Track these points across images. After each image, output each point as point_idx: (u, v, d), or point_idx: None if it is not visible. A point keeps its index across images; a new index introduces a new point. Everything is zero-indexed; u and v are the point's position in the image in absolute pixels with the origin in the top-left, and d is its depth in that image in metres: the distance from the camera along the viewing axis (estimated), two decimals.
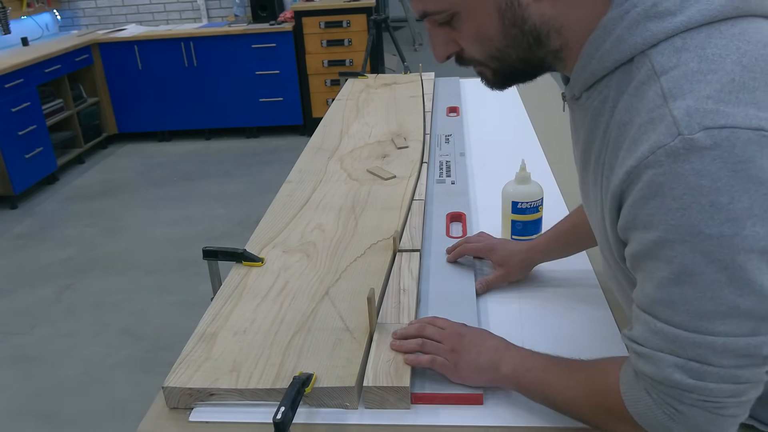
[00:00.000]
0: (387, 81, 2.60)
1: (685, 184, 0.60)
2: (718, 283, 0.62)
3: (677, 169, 0.61)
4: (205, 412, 0.90)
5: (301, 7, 4.90)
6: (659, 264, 0.65)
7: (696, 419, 0.67)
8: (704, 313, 0.63)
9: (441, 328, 0.95)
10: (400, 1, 8.06)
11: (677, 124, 0.61)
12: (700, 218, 0.60)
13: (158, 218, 3.92)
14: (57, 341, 2.77)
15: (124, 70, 5.11)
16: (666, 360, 0.66)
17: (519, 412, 0.87)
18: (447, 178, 1.63)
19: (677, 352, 0.65)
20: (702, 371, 0.64)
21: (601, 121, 0.73)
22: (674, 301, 0.65)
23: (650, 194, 0.63)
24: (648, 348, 0.68)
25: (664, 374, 0.66)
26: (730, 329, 0.63)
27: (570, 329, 1.03)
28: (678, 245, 0.62)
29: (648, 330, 0.68)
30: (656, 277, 0.66)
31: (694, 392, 0.65)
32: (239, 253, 1.24)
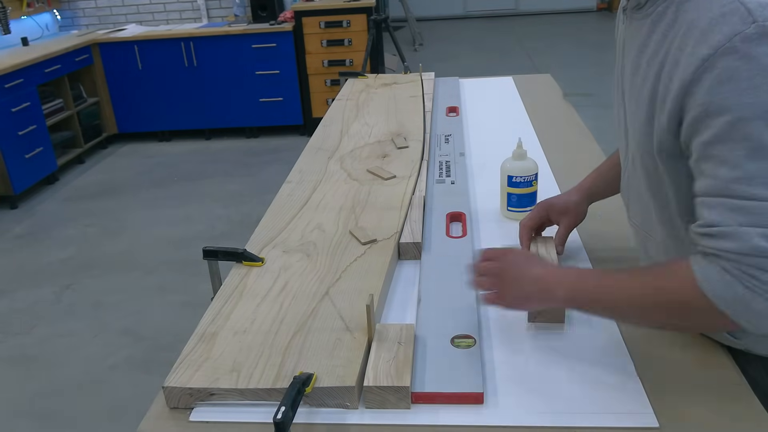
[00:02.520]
0: (387, 81, 2.60)
1: (758, 65, 0.67)
2: None
3: (752, 53, 0.68)
4: (206, 412, 0.90)
5: (301, 7, 4.90)
6: (734, 144, 0.70)
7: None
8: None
9: (488, 261, 0.97)
10: (400, 1, 8.06)
11: (752, 13, 0.68)
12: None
13: (158, 218, 3.92)
14: (57, 341, 2.77)
15: (124, 70, 5.11)
16: (750, 232, 0.70)
17: (519, 412, 0.87)
18: (447, 178, 1.63)
19: (759, 222, 0.70)
20: None
21: (660, 25, 0.79)
22: (752, 176, 0.70)
23: (726, 78, 0.69)
24: (730, 226, 0.72)
25: (751, 244, 0.70)
26: None
27: (570, 328, 1.03)
28: (753, 122, 0.68)
29: (726, 210, 0.72)
30: (731, 158, 0.71)
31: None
32: (239, 253, 1.24)
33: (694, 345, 0.97)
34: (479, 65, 6.95)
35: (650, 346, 0.97)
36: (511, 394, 0.90)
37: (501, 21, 9.74)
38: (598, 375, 0.92)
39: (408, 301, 1.14)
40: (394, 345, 0.96)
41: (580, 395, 0.89)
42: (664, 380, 0.90)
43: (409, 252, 1.28)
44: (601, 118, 4.56)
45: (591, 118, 2.65)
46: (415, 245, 1.28)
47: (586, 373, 0.93)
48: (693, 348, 0.97)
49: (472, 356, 0.95)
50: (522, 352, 0.98)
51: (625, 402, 0.87)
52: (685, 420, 0.83)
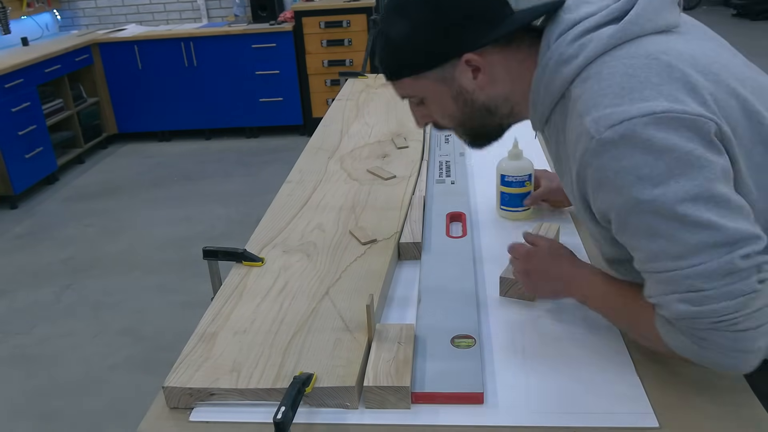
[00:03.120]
0: None
1: (611, 170, 0.78)
2: (676, 230, 0.76)
3: (602, 163, 0.79)
4: (206, 412, 0.90)
5: (301, 7, 4.90)
6: (630, 232, 0.82)
7: (719, 340, 0.78)
8: (679, 254, 0.77)
9: (518, 258, 1.08)
10: None
11: (589, 131, 0.80)
12: (632, 189, 0.77)
13: (158, 218, 3.92)
14: (57, 341, 2.77)
15: (124, 70, 5.11)
16: (671, 299, 0.79)
17: (519, 412, 0.87)
18: (447, 178, 1.63)
19: (674, 289, 0.79)
20: (699, 297, 0.77)
21: (561, 140, 0.92)
22: (654, 253, 0.79)
23: (596, 187, 0.82)
24: (656, 296, 0.82)
25: (674, 311, 0.79)
26: (703, 259, 0.76)
27: (570, 328, 1.03)
28: (633, 216, 0.79)
29: (651, 284, 0.83)
30: (635, 244, 0.82)
31: (703, 317, 0.77)
32: (239, 253, 1.24)
33: None
34: None
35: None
36: (511, 394, 0.90)
37: None
38: (598, 375, 0.92)
39: (408, 301, 1.14)
40: (394, 345, 0.96)
41: (580, 395, 0.89)
42: (664, 380, 0.90)
43: (409, 252, 1.28)
44: None
45: None
46: (415, 245, 1.28)
47: (586, 373, 0.93)
48: None
49: (472, 356, 0.95)
50: (522, 352, 0.98)
51: (625, 402, 0.87)
52: (685, 420, 0.83)
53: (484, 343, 1.01)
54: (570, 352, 0.97)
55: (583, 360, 0.95)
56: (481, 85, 0.93)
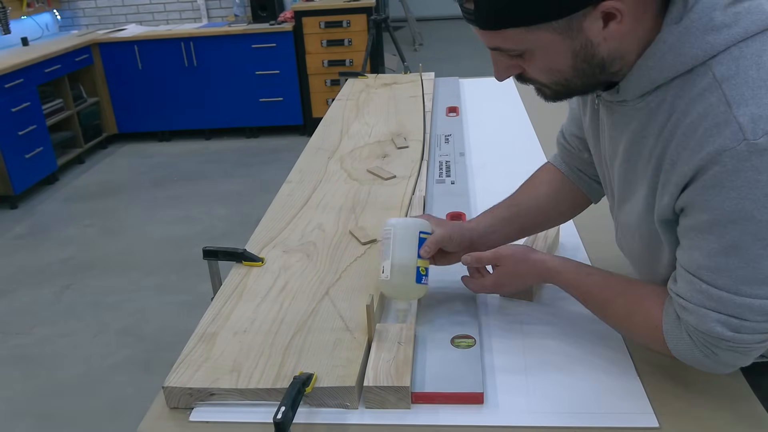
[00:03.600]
0: (387, 81, 2.60)
1: (745, 178, 0.71)
2: (761, 257, 0.74)
3: (740, 167, 0.71)
4: (206, 412, 0.90)
5: (301, 7, 4.90)
6: (710, 237, 0.76)
7: (727, 359, 0.81)
8: (746, 279, 0.75)
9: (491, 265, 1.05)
10: (400, 1, 8.06)
11: (743, 130, 0.70)
12: (754, 206, 0.72)
13: (158, 218, 3.92)
14: (57, 341, 2.77)
15: (124, 70, 5.11)
16: (710, 316, 0.78)
17: (519, 412, 0.87)
18: (447, 178, 1.63)
19: (719, 309, 0.77)
20: (740, 325, 0.77)
21: (657, 121, 0.81)
22: (720, 268, 0.76)
23: (711, 185, 0.74)
24: (693, 304, 0.79)
25: (707, 327, 0.78)
26: (765, 293, 0.75)
27: (570, 328, 1.03)
28: (731, 225, 0.74)
29: (693, 289, 0.79)
30: (705, 248, 0.77)
31: (731, 341, 0.78)
32: (239, 253, 1.24)
33: None
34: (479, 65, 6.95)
35: None
36: (511, 394, 0.90)
37: None
38: (598, 375, 0.92)
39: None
40: (394, 345, 0.96)
41: (580, 395, 0.89)
42: (664, 380, 0.90)
43: None
44: None
45: None
46: None
47: (586, 373, 0.93)
48: None
49: (472, 356, 0.95)
50: (522, 352, 0.98)
51: (625, 402, 0.87)
52: (685, 420, 0.83)
53: (484, 343, 1.01)
54: (570, 353, 0.97)
55: (583, 360, 0.95)
56: (610, 37, 0.77)
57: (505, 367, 0.95)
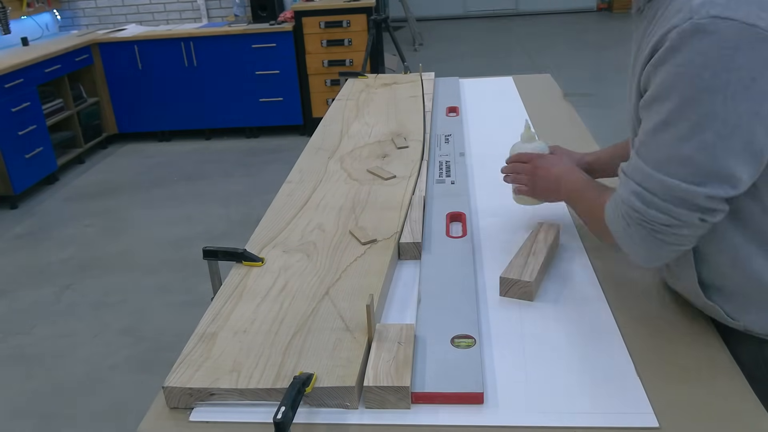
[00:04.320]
0: (387, 81, 2.60)
1: (683, 56, 0.79)
2: (685, 137, 0.81)
3: (681, 44, 0.79)
4: (206, 412, 0.90)
5: (301, 7, 4.90)
6: (650, 114, 0.85)
7: (635, 236, 0.89)
8: (666, 157, 0.83)
9: (525, 162, 1.28)
10: (400, 1, 8.06)
11: (692, 10, 0.79)
12: (687, 83, 0.79)
13: (158, 218, 3.93)
14: (57, 341, 2.78)
15: (124, 70, 5.11)
16: (630, 185, 0.88)
17: (519, 412, 0.87)
18: (447, 178, 1.63)
19: (639, 181, 0.87)
20: (649, 200, 0.85)
21: (651, 26, 0.90)
22: (649, 143, 0.86)
23: (658, 62, 0.83)
24: (625, 175, 0.90)
25: (626, 195, 0.89)
26: (680, 174, 0.82)
27: (570, 328, 1.03)
28: (666, 101, 0.82)
29: (631, 162, 0.90)
30: (645, 124, 0.87)
31: (638, 213, 0.87)
32: (239, 253, 1.24)
33: (694, 345, 0.97)
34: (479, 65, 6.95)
35: (650, 346, 0.97)
36: (511, 394, 0.90)
37: (501, 21, 9.75)
38: (598, 375, 0.92)
39: (408, 301, 1.14)
40: (394, 345, 0.96)
41: (580, 395, 0.89)
42: (664, 380, 0.90)
43: (409, 252, 1.28)
44: (601, 118, 4.56)
45: (591, 118, 2.65)
46: (415, 245, 1.28)
47: (586, 373, 0.93)
48: (694, 348, 0.97)
49: (472, 356, 0.95)
50: (522, 352, 0.98)
51: (625, 402, 0.87)
52: (685, 420, 0.83)
53: (484, 343, 1.01)
54: (570, 353, 0.97)
55: (582, 360, 0.95)
56: None
57: (505, 367, 0.95)
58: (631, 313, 1.06)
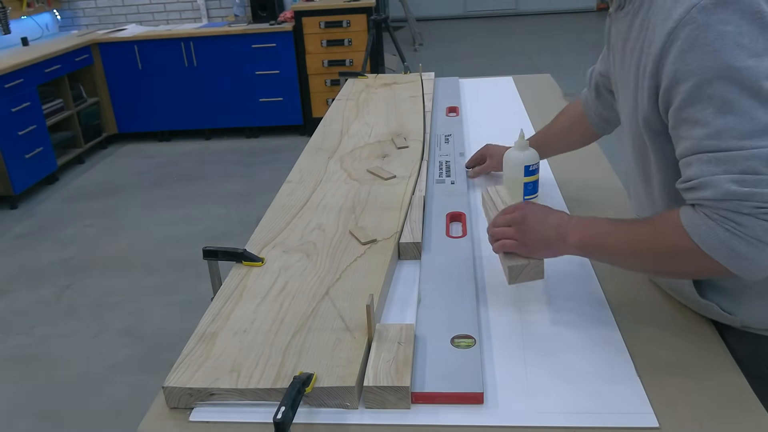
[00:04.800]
0: (387, 81, 2.60)
1: (715, 32, 0.77)
2: (753, 107, 0.77)
3: (708, 21, 0.77)
4: (206, 412, 0.90)
5: (301, 7, 4.90)
6: (702, 105, 0.80)
7: (754, 229, 0.78)
8: (747, 132, 0.77)
9: (509, 213, 1.07)
10: (400, 1, 8.06)
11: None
12: (730, 56, 0.77)
13: (158, 218, 3.93)
14: (57, 341, 2.78)
15: (124, 70, 5.11)
16: (722, 179, 0.79)
17: (519, 412, 0.87)
18: (447, 178, 1.63)
19: (730, 169, 0.78)
20: (754, 180, 0.77)
21: (638, 17, 0.90)
22: (720, 131, 0.79)
23: (688, 47, 0.79)
24: (705, 177, 0.81)
25: (723, 190, 0.79)
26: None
27: (570, 328, 1.03)
28: (716, 81, 0.78)
29: (700, 164, 0.81)
30: (702, 118, 0.80)
31: (750, 200, 0.78)
32: (239, 253, 1.24)
33: (694, 345, 0.97)
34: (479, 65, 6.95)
35: (650, 346, 0.97)
36: (511, 394, 0.90)
37: (501, 21, 9.75)
38: (598, 375, 0.92)
39: (408, 301, 1.14)
40: (394, 345, 0.96)
41: (580, 395, 0.89)
42: (664, 380, 0.90)
43: (409, 252, 1.28)
44: None
45: None
46: (415, 245, 1.28)
47: (586, 373, 0.93)
48: (693, 348, 0.97)
49: (472, 356, 0.95)
50: (522, 351, 0.98)
51: (625, 402, 0.87)
52: (685, 420, 0.83)
53: (484, 343, 1.01)
54: (570, 353, 0.97)
55: (583, 360, 0.95)
56: None
57: (505, 367, 0.95)
58: (632, 313, 1.06)
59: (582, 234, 0.97)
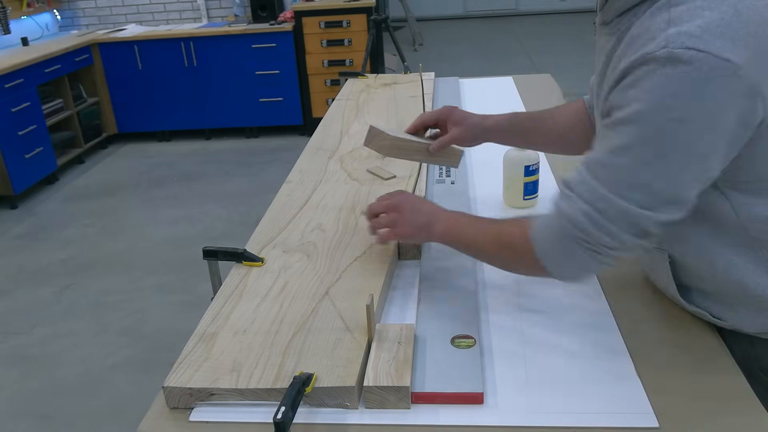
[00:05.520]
0: (387, 81, 2.60)
1: (657, 82, 0.77)
2: (646, 163, 0.80)
3: (654, 71, 0.78)
4: (206, 412, 0.90)
5: (301, 7, 4.90)
6: (613, 135, 0.83)
7: (580, 258, 0.88)
8: (623, 180, 0.82)
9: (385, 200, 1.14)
10: (400, 1, 8.06)
11: (667, 39, 0.77)
12: (656, 111, 0.78)
13: (158, 218, 3.93)
14: (57, 341, 2.78)
15: (124, 70, 5.11)
16: (578, 203, 0.85)
17: (519, 412, 0.87)
18: (447, 178, 1.63)
19: (590, 201, 0.84)
20: (600, 222, 0.84)
21: (621, 43, 0.89)
22: (606, 163, 0.84)
23: (628, 85, 0.81)
24: (572, 191, 0.87)
25: (570, 213, 0.86)
26: (636, 199, 0.81)
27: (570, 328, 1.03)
28: (630, 125, 0.81)
29: (580, 179, 0.87)
30: (604, 144, 0.85)
31: (584, 234, 0.85)
32: (239, 253, 1.24)
33: (694, 345, 0.97)
34: (479, 65, 6.96)
35: (650, 346, 0.97)
36: (511, 394, 0.90)
37: (501, 21, 9.75)
38: (598, 375, 0.92)
39: (408, 301, 1.14)
40: (394, 345, 0.96)
41: (580, 395, 0.89)
42: (664, 380, 0.90)
43: (409, 252, 1.28)
44: None
45: None
46: (415, 245, 1.28)
47: (586, 373, 0.93)
48: (693, 348, 0.97)
49: (472, 356, 0.95)
50: (522, 351, 0.98)
51: (625, 402, 0.87)
52: (685, 420, 0.83)
53: (484, 343, 1.01)
54: (570, 353, 0.97)
55: (582, 360, 0.95)
56: None
57: (505, 367, 0.95)
58: (631, 313, 1.06)
59: (445, 226, 1.06)
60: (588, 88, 1.26)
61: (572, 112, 1.26)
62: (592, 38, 1.10)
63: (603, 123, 0.87)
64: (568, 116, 1.26)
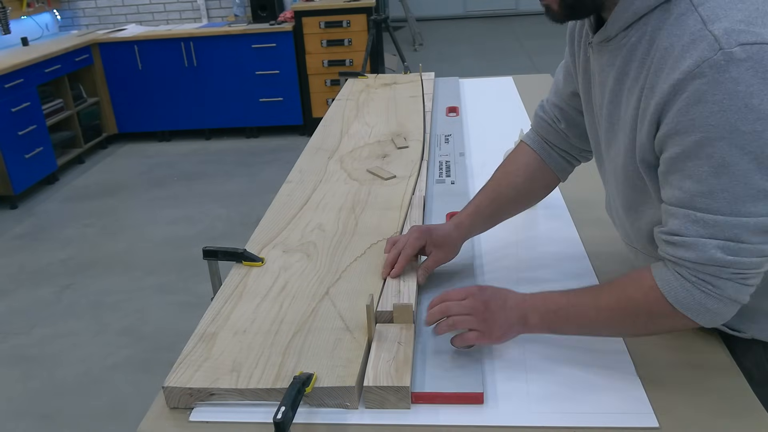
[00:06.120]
0: (387, 81, 2.60)
1: (724, 90, 0.73)
2: (750, 171, 0.75)
3: (718, 78, 0.73)
4: (206, 412, 0.90)
5: (301, 7, 4.90)
6: (700, 161, 0.77)
7: (728, 290, 0.80)
8: (739, 197, 0.76)
9: (462, 299, 0.96)
10: (400, 1, 8.06)
11: (718, 41, 0.74)
12: (736, 117, 0.73)
13: (158, 218, 3.93)
14: (57, 341, 2.77)
15: (124, 70, 5.11)
16: (708, 244, 0.78)
17: (519, 412, 0.87)
18: (447, 178, 1.63)
19: (716, 235, 0.78)
20: (737, 248, 0.77)
21: (637, 54, 0.85)
22: (713, 191, 0.77)
23: (694, 101, 0.75)
24: (690, 237, 0.80)
25: (707, 256, 0.78)
26: (759, 210, 0.76)
27: None
28: (718, 142, 0.75)
29: (688, 221, 0.80)
30: (696, 174, 0.78)
31: (730, 267, 0.78)
32: (239, 253, 1.24)
33: (694, 346, 0.97)
34: (479, 65, 6.96)
35: (650, 346, 0.97)
36: (511, 394, 0.90)
37: (501, 21, 9.75)
38: (598, 375, 0.92)
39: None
40: (394, 345, 0.96)
41: (580, 395, 0.89)
42: (664, 380, 0.90)
43: None
44: None
45: None
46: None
47: (586, 373, 0.93)
48: (693, 348, 0.97)
49: (472, 356, 0.95)
50: (522, 352, 0.98)
51: (625, 402, 0.87)
52: (685, 420, 0.83)
53: None
54: (570, 352, 0.97)
55: (583, 360, 0.95)
56: None
57: (505, 367, 0.95)
58: None
59: (542, 313, 0.93)
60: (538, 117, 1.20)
61: (527, 172, 1.19)
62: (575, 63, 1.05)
63: (674, 155, 0.80)
64: (524, 178, 1.19)
